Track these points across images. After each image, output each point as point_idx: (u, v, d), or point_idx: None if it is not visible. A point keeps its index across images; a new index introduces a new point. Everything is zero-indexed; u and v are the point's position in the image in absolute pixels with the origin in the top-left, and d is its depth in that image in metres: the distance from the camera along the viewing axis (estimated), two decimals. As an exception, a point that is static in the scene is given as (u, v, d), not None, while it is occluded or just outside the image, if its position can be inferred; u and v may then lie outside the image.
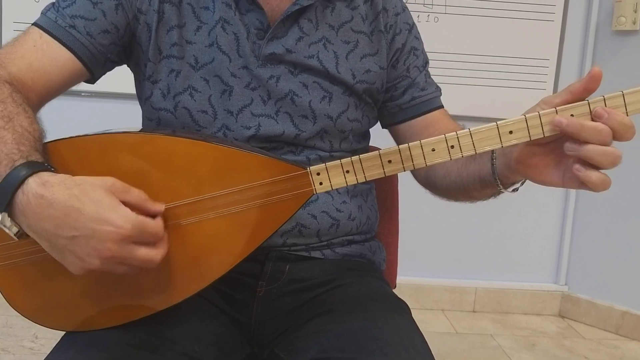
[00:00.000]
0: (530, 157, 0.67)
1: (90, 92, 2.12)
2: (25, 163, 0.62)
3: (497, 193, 0.79)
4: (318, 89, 0.87)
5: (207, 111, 0.84)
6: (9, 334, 1.90)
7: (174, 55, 0.84)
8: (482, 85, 2.22)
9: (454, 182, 0.84)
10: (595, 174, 0.62)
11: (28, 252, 0.68)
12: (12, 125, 0.66)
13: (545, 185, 0.68)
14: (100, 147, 0.70)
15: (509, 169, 0.71)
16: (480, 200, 0.83)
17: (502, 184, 0.74)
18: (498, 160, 0.73)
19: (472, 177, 0.80)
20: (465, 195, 0.84)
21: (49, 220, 0.60)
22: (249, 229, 0.70)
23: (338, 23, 0.89)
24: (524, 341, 2.15)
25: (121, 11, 0.83)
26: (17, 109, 0.69)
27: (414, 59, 0.95)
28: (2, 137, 0.64)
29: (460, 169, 0.82)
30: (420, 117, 0.94)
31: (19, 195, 0.61)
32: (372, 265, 0.95)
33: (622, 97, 0.61)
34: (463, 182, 0.82)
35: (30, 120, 0.69)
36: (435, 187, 0.91)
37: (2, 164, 0.62)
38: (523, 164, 0.68)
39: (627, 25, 2.12)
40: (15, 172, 0.61)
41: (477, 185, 0.79)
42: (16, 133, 0.65)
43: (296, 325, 0.82)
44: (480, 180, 0.78)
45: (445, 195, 0.90)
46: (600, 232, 2.29)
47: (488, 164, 0.75)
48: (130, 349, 0.70)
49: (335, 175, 0.70)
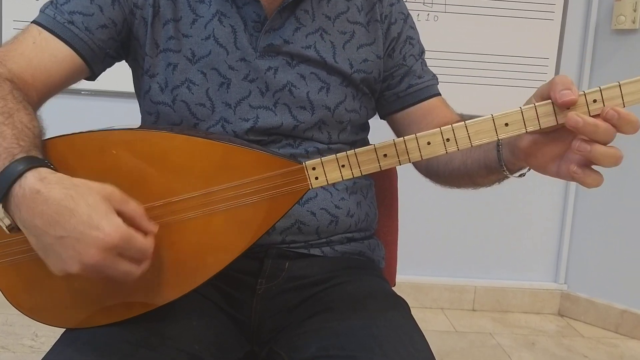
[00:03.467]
0: (533, 144, 0.67)
1: (90, 91, 2.12)
2: (25, 157, 0.62)
3: (502, 178, 0.78)
4: (316, 80, 0.87)
5: (205, 104, 0.85)
6: (9, 332, 1.90)
7: (171, 48, 0.84)
8: (481, 84, 2.23)
9: (457, 168, 0.84)
10: (592, 176, 0.62)
11: (27, 250, 0.68)
12: (12, 121, 0.66)
13: (542, 173, 0.68)
14: (97, 144, 0.70)
15: (514, 156, 0.71)
16: (484, 186, 0.83)
17: (507, 170, 0.74)
18: (504, 147, 0.73)
19: (476, 164, 0.79)
20: (469, 182, 0.84)
21: (41, 216, 0.59)
22: (245, 225, 0.70)
23: (334, 14, 0.90)
24: (524, 340, 2.15)
25: (117, 6, 0.83)
26: (17, 105, 0.69)
27: (409, 47, 0.95)
28: (1, 132, 0.64)
29: (465, 156, 0.82)
30: (417, 104, 0.95)
31: (16, 188, 0.60)
32: (371, 263, 0.95)
33: (619, 87, 0.61)
34: (467, 169, 0.82)
35: (31, 117, 0.69)
36: (437, 175, 0.91)
37: (1, 158, 0.62)
38: (526, 152, 0.68)
39: (627, 24, 2.12)
40: (14, 165, 0.61)
41: (482, 171, 0.79)
42: (16, 129, 0.65)
43: (295, 323, 0.82)
44: (485, 166, 0.77)
45: (447, 182, 0.89)
46: (600, 230, 2.29)
47: (494, 151, 0.74)
48: (130, 347, 0.70)
49: (331, 169, 0.69)
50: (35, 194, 0.60)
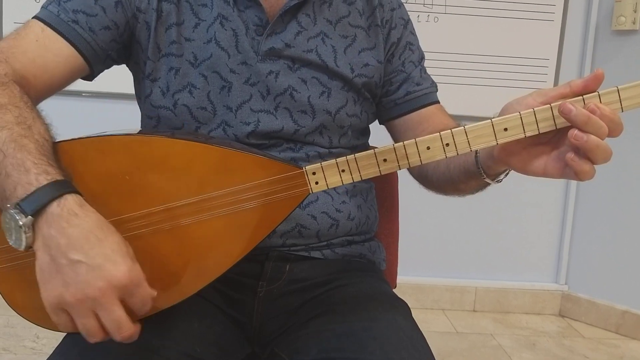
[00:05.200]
0: (513, 145, 0.68)
1: (91, 93, 2.12)
2: (65, 181, 0.63)
3: (482, 185, 0.79)
4: (317, 84, 0.87)
5: (207, 107, 0.85)
6: (10, 333, 1.90)
7: (173, 53, 0.84)
8: (482, 85, 2.23)
9: (442, 174, 0.85)
10: (588, 164, 0.63)
11: (30, 254, 0.68)
12: (32, 133, 0.66)
13: (527, 174, 0.69)
14: (97, 149, 0.70)
15: (491, 158, 0.71)
16: (467, 193, 0.84)
17: (485, 174, 0.74)
18: (481, 150, 0.73)
19: (458, 169, 0.80)
20: (453, 188, 0.85)
21: (68, 237, 0.60)
22: (246, 229, 0.70)
23: (335, 18, 0.90)
24: (524, 341, 2.15)
25: (121, 9, 0.83)
26: (31, 113, 0.69)
27: (409, 53, 0.95)
28: (24, 145, 0.64)
29: (448, 161, 0.82)
30: (415, 112, 0.95)
31: (54, 206, 0.60)
32: (372, 265, 0.95)
33: (617, 92, 0.62)
34: (450, 174, 0.83)
35: (45, 126, 0.69)
36: (427, 180, 0.91)
37: (32, 172, 0.62)
38: (505, 151, 0.69)
39: (627, 25, 2.12)
40: (57, 186, 0.61)
41: (462, 176, 0.80)
42: (38, 143, 0.65)
43: (297, 325, 0.82)
44: (465, 171, 0.78)
45: (436, 188, 0.90)
46: (600, 231, 2.29)
47: (472, 154, 0.75)
48: (131, 350, 0.70)
49: (331, 174, 0.70)
50: (72, 216, 0.60)
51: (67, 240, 0.60)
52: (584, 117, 0.61)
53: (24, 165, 0.62)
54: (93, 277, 0.59)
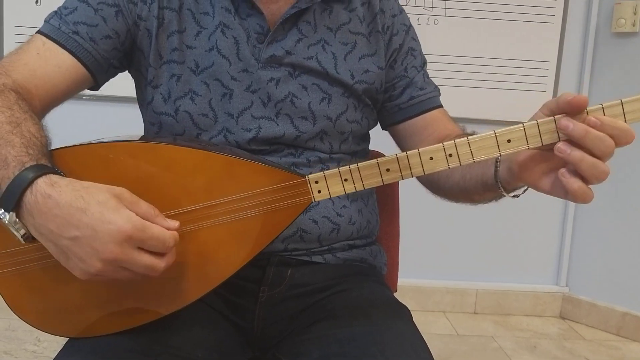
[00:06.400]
0: (530, 161, 0.67)
1: (92, 96, 2.12)
2: (34, 165, 0.63)
3: (498, 197, 0.78)
4: (317, 91, 0.87)
5: (208, 114, 0.85)
6: (12, 337, 1.90)
7: (175, 60, 0.85)
8: (482, 87, 2.23)
9: (456, 183, 0.84)
10: (578, 182, 0.62)
11: (34, 259, 0.68)
12: (20, 130, 0.67)
13: (537, 190, 0.68)
14: (102, 156, 0.70)
15: (511, 173, 0.71)
16: (480, 203, 0.83)
17: (503, 188, 0.74)
18: (502, 164, 0.73)
19: (474, 180, 0.80)
20: (467, 198, 0.84)
21: (54, 220, 0.60)
22: (248, 236, 0.71)
23: (336, 25, 0.90)
24: (525, 343, 2.15)
25: (121, 17, 0.84)
26: (24, 115, 0.69)
27: (411, 59, 0.95)
28: (10, 141, 0.65)
29: (464, 171, 0.82)
30: (419, 116, 0.95)
31: (28, 195, 0.61)
32: (373, 269, 0.95)
33: (621, 105, 0.61)
34: (466, 185, 0.82)
35: (38, 127, 0.70)
36: (437, 188, 0.91)
37: (11, 166, 0.63)
38: (523, 167, 0.68)
39: (627, 27, 2.13)
40: (25, 173, 0.62)
41: (479, 188, 0.79)
42: (24, 138, 0.66)
43: (298, 329, 0.83)
44: (482, 183, 0.78)
45: (446, 196, 0.90)
46: (601, 233, 2.29)
47: (492, 168, 0.74)
48: (133, 356, 0.70)
49: (334, 183, 0.70)
50: (46, 199, 0.60)
51: (55, 223, 0.60)
52: (581, 132, 0.60)
53: (6, 160, 0.63)
54: (98, 243, 0.60)
